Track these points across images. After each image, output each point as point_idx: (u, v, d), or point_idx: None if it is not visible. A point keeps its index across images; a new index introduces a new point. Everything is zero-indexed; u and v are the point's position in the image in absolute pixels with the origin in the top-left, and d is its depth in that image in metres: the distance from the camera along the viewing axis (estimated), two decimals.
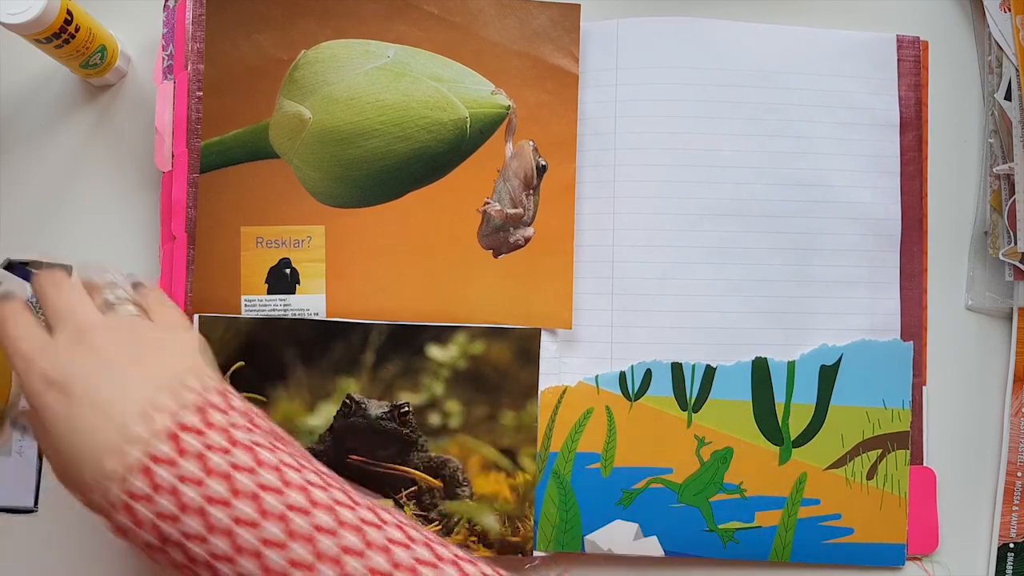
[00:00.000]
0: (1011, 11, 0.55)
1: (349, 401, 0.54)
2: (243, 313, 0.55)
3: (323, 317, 0.55)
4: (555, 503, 0.55)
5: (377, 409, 0.54)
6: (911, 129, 0.57)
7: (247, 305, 0.55)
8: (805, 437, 0.55)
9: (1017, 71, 0.55)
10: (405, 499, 0.54)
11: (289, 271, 0.55)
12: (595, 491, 0.55)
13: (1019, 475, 0.56)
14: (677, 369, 0.56)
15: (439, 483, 0.54)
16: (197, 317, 0.55)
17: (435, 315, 0.55)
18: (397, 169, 0.55)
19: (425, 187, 0.56)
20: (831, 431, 0.55)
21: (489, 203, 0.56)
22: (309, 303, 0.55)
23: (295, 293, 0.55)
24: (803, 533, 0.55)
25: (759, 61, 0.57)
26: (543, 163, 0.56)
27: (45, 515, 0.56)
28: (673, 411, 0.56)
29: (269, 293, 0.55)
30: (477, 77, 0.56)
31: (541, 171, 0.56)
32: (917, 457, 0.56)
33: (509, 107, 0.56)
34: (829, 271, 0.56)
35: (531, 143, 0.56)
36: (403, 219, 0.55)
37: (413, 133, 0.55)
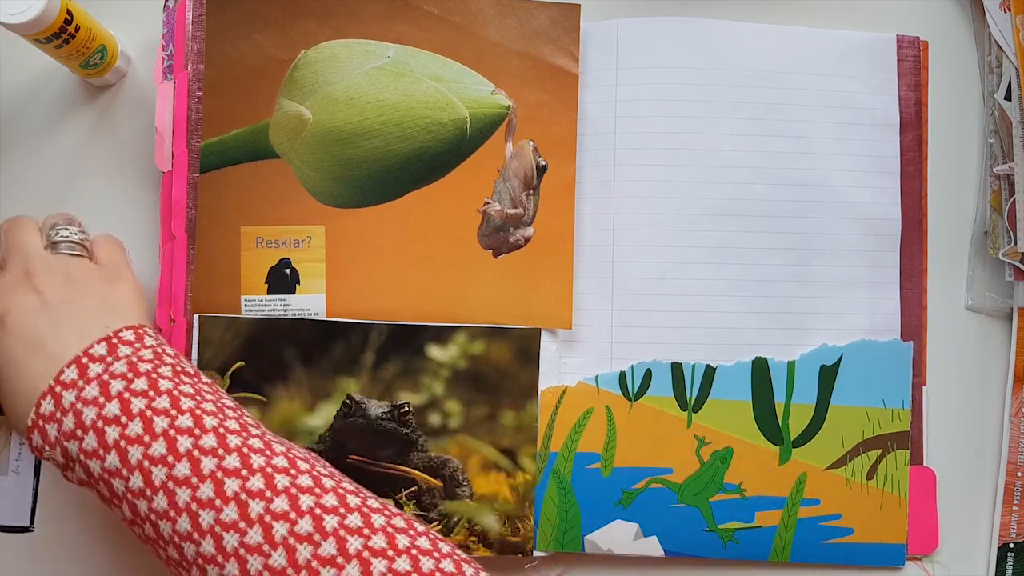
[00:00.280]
0: (1011, 11, 0.55)
1: (349, 401, 0.54)
2: (243, 313, 0.55)
3: (323, 317, 0.55)
4: (555, 503, 0.55)
5: (377, 409, 0.54)
6: (911, 129, 0.57)
7: (247, 305, 0.55)
8: (805, 437, 0.55)
9: (1017, 71, 0.55)
10: (405, 499, 0.54)
11: (289, 271, 0.55)
12: (595, 491, 0.55)
13: (1019, 475, 0.56)
14: (677, 369, 0.56)
15: (439, 483, 0.54)
16: (197, 317, 0.55)
17: (435, 315, 0.55)
18: (397, 169, 0.55)
19: (425, 187, 0.56)
20: (831, 431, 0.55)
21: (489, 203, 0.56)
22: (309, 303, 0.55)
23: (295, 293, 0.55)
24: (803, 533, 0.55)
25: (759, 61, 0.57)
26: (543, 163, 0.56)
27: (41, 534, 0.56)
28: (673, 411, 0.55)
29: (269, 293, 0.55)
30: (477, 77, 0.56)
31: (541, 171, 0.56)
32: (917, 457, 0.56)
33: (509, 107, 0.56)
34: (829, 271, 0.56)
35: (531, 143, 0.56)
36: (403, 219, 0.55)
37: (413, 133, 0.55)
